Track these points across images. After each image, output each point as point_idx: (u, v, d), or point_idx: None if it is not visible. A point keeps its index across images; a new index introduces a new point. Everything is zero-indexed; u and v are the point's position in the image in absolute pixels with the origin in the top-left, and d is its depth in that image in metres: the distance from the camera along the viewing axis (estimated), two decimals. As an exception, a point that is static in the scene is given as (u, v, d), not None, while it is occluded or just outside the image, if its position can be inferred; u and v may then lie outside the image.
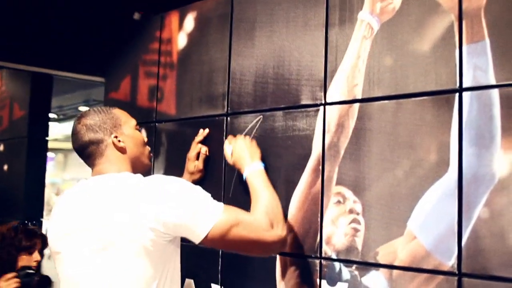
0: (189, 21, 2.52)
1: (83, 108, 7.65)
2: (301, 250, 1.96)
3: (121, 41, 2.97)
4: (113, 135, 1.84)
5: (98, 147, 1.82)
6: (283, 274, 2.00)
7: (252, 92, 2.20)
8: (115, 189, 1.71)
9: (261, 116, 2.15)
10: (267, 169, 2.02)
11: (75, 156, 1.90)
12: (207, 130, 2.36)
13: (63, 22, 3.18)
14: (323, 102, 1.96)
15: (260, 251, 1.80)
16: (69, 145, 1.94)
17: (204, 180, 2.31)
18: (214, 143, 2.33)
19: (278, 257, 2.04)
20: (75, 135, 1.85)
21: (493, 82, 1.57)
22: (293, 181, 2.01)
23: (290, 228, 1.99)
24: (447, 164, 1.63)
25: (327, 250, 1.89)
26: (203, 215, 1.67)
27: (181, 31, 2.57)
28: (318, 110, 1.97)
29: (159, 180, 1.73)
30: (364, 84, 1.85)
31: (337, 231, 1.87)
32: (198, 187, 1.75)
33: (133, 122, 1.94)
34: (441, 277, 1.62)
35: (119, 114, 1.91)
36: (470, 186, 1.59)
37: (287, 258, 2.01)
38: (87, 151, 1.84)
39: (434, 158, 1.66)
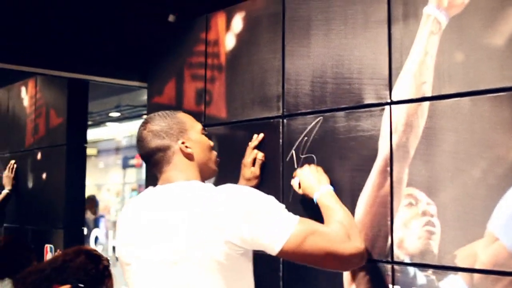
0: (237, 22, 2.47)
1: (114, 114, 7.59)
2: (370, 254, 1.90)
3: (163, 45, 2.92)
4: (180, 141, 1.78)
5: (165, 154, 1.77)
6: (353, 280, 1.94)
7: (310, 92, 2.14)
8: (187, 199, 1.66)
9: (321, 117, 2.09)
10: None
11: (93, 162, 1.86)
12: (262, 135, 2.30)
13: (101, 25, 3.14)
14: (388, 101, 1.90)
15: (338, 265, 1.74)
16: (91, 151, 1.89)
17: (261, 186, 2.25)
18: (270, 147, 2.27)
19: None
20: (141, 141, 1.80)
21: None
22: (358, 183, 1.95)
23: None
24: (529, 162, 1.57)
25: (400, 254, 1.83)
26: (278, 228, 1.62)
27: (228, 32, 2.51)
28: (383, 109, 1.91)
29: (233, 191, 1.68)
30: (433, 81, 1.78)
31: (410, 234, 1.81)
32: (272, 198, 1.70)
33: (199, 126, 1.88)
34: (527, 280, 1.55)
35: (185, 118, 1.85)
36: (557, 184, 1.52)
37: (356, 263, 1.95)
38: (153, 158, 1.79)
39: (514, 156, 1.59)
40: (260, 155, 2.27)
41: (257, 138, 2.30)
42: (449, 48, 1.75)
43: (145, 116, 1.88)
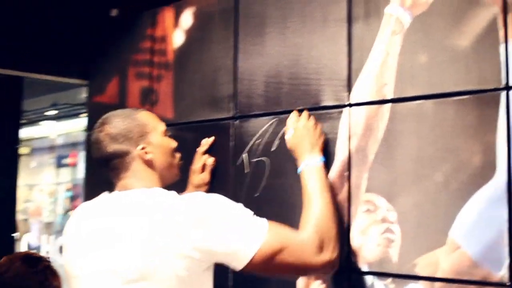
0: (187, 17, 2.36)
1: (50, 112, 7.27)
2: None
3: (106, 40, 2.78)
4: (139, 147, 1.63)
5: (123, 160, 1.62)
6: (307, 289, 1.86)
7: (264, 93, 2.05)
8: (147, 206, 1.52)
9: (276, 119, 2.00)
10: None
11: (25, 161, 1.70)
12: (211, 139, 2.18)
13: (38, 17, 2.95)
14: (347, 103, 1.83)
15: (306, 274, 1.67)
16: (23, 149, 1.72)
17: (210, 191, 2.14)
18: (220, 150, 2.17)
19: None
20: (96, 144, 1.64)
21: (544, 79, 1.46)
22: (314, 188, 1.87)
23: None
24: (493, 168, 1.52)
25: (357, 263, 1.76)
26: (245, 240, 1.49)
27: (177, 28, 2.40)
28: (341, 112, 1.83)
29: (198, 199, 1.55)
30: (395, 83, 1.72)
31: (368, 242, 1.74)
32: (240, 206, 1.57)
33: (161, 127, 1.73)
34: (490, 288, 1.50)
35: (146, 119, 1.70)
36: (522, 190, 1.48)
37: (310, 272, 1.86)
38: (110, 164, 1.63)
39: (478, 161, 1.55)
40: (210, 161, 2.15)
41: (206, 143, 2.18)
42: (412, 48, 1.69)
43: (105, 116, 1.69)
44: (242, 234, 1.49)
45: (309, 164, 1.76)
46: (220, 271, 1.65)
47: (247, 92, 2.10)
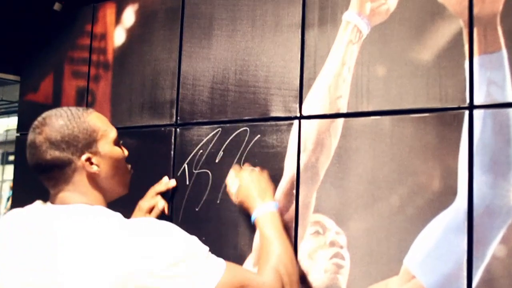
0: (129, 15, 2.18)
1: None
2: None
3: (41, 35, 2.57)
4: (84, 157, 1.38)
5: (63, 171, 1.38)
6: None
7: (208, 100, 1.89)
8: (86, 228, 1.29)
9: (220, 128, 1.84)
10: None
11: None
12: (173, 182, 1.94)
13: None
14: (298, 115, 1.69)
15: None
16: None
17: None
18: (160, 159, 2.00)
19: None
20: (33, 149, 1.38)
21: (511, 99, 1.35)
22: (259, 206, 1.72)
23: (256, 262, 1.70)
24: (454, 192, 1.40)
25: (302, 289, 1.62)
26: (201, 277, 1.29)
27: (118, 26, 2.22)
28: (291, 124, 1.70)
29: (148, 229, 1.31)
30: (350, 96, 1.59)
31: (315, 267, 1.60)
32: (195, 241, 1.36)
33: (113, 134, 1.47)
34: (447, 325, 1.39)
35: (96, 124, 1.43)
36: (483, 219, 1.37)
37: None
38: (47, 173, 1.39)
39: (437, 185, 1.43)
40: (161, 205, 1.91)
41: (166, 184, 1.94)
42: (370, 60, 1.57)
43: (46, 115, 1.42)
44: (197, 273, 1.29)
45: (263, 212, 1.60)
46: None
47: (191, 98, 1.94)
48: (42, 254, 1.29)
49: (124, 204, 1.52)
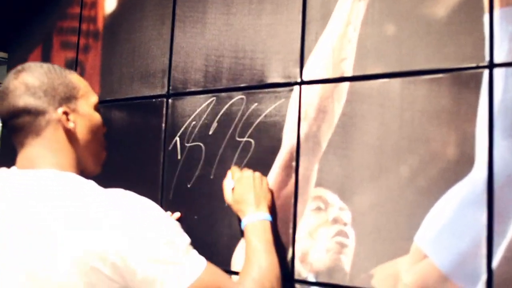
0: (120, -20, 2.04)
1: None
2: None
3: (28, 5, 2.43)
4: (61, 109, 1.24)
5: (34, 121, 1.22)
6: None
7: (203, 67, 1.75)
8: (56, 198, 1.14)
9: (214, 97, 1.70)
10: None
11: None
12: (177, 215, 1.75)
13: None
14: (298, 80, 1.54)
15: None
16: None
17: (138, 179, 1.83)
18: (150, 132, 1.86)
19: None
20: (5, 94, 1.23)
21: (536, 56, 1.21)
22: (256, 180, 1.58)
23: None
24: (471, 161, 1.26)
25: (302, 271, 1.48)
26: (177, 270, 1.14)
27: (109, -7, 2.08)
28: (291, 90, 1.55)
29: (127, 200, 1.16)
30: (356, 58, 1.44)
31: (316, 246, 1.46)
32: (178, 227, 1.20)
33: (94, 98, 1.33)
34: (463, 309, 1.24)
35: (78, 82, 1.30)
36: (504, 190, 1.22)
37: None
38: (16, 121, 1.22)
39: (452, 153, 1.28)
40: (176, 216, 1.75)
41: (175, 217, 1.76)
42: (378, 18, 1.42)
43: (26, 64, 1.29)
44: (174, 263, 1.14)
45: (255, 220, 1.43)
46: None
47: (183, 66, 1.80)
48: (7, 227, 1.15)
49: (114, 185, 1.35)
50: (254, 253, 1.35)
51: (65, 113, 1.24)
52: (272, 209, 1.52)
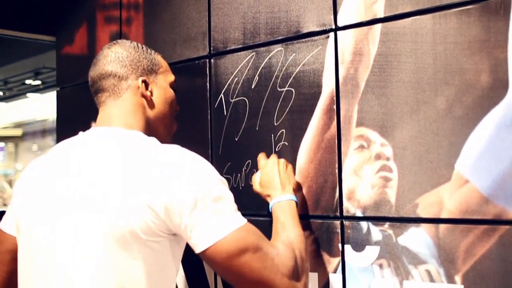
0: (155, -49, 2.11)
1: (33, 82, 6.61)
2: (316, 210, 1.61)
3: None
4: (141, 78, 1.42)
5: (117, 84, 1.40)
6: (295, 240, 1.64)
7: (240, 25, 1.82)
8: (126, 156, 1.26)
9: (254, 52, 1.77)
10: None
11: (26, 145, 1.39)
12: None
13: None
14: (333, 27, 1.60)
15: None
16: (19, 131, 1.39)
17: (186, 137, 1.92)
18: (196, 92, 1.94)
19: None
20: (98, 60, 1.43)
21: None
22: (300, 127, 1.65)
23: (299, 185, 1.64)
24: (505, 86, 1.30)
25: (350, 208, 1.54)
26: (217, 223, 1.21)
27: (145, -36, 2.16)
28: (327, 37, 1.60)
29: (187, 159, 1.27)
30: (386, -2, 1.49)
31: (362, 183, 1.52)
32: (226, 186, 1.29)
33: (171, 77, 1.51)
34: (505, 227, 1.29)
35: (161, 61, 1.50)
36: (539, 111, 1.26)
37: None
38: (102, 83, 1.41)
39: (486, 81, 1.32)
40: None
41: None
42: (405, -43, 1.46)
43: (120, 40, 1.50)
44: (216, 215, 1.22)
45: (282, 200, 1.50)
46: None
47: (222, 26, 1.87)
48: (85, 181, 1.26)
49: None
50: (282, 226, 1.42)
51: (144, 82, 1.42)
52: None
